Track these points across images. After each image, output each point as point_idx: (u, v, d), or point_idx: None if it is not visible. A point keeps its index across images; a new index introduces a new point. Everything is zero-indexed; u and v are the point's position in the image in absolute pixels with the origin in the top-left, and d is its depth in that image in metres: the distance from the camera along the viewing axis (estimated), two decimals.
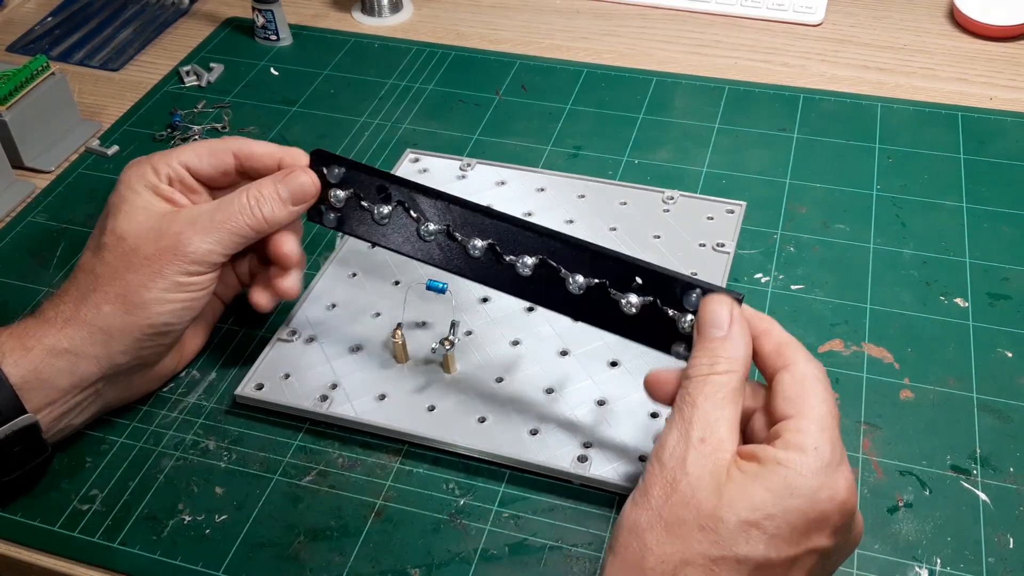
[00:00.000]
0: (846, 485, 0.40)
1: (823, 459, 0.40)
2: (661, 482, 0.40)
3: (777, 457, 0.40)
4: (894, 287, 0.63)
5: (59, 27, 0.95)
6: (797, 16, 0.90)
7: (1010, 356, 0.59)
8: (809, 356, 0.44)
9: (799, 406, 0.42)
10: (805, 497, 0.39)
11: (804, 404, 0.42)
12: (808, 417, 0.41)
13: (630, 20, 0.92)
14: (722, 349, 0.43)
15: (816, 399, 0.42)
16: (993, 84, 0.81)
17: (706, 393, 0.42)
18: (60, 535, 0.52)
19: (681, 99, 0.81)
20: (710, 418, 0.41)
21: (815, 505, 0.39)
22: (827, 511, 0.39)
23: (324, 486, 0.53)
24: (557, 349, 0.59)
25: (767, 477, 0.39)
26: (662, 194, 0.69)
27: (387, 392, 0.57)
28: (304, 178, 0.54)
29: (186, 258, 0.51)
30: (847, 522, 0.41)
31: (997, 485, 0.52)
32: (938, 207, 0.69)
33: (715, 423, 0.41)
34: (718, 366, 0.43)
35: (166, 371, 0.57)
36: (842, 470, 0.40)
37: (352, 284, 0.64)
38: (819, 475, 0.39)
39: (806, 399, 0.42)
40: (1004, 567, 0.48)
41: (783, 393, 0.42)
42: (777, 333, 0.45)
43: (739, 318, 0.44)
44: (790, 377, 0.43)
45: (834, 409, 0.42)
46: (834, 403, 0.42)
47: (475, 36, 0.91)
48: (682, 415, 0.42)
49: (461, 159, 0.73)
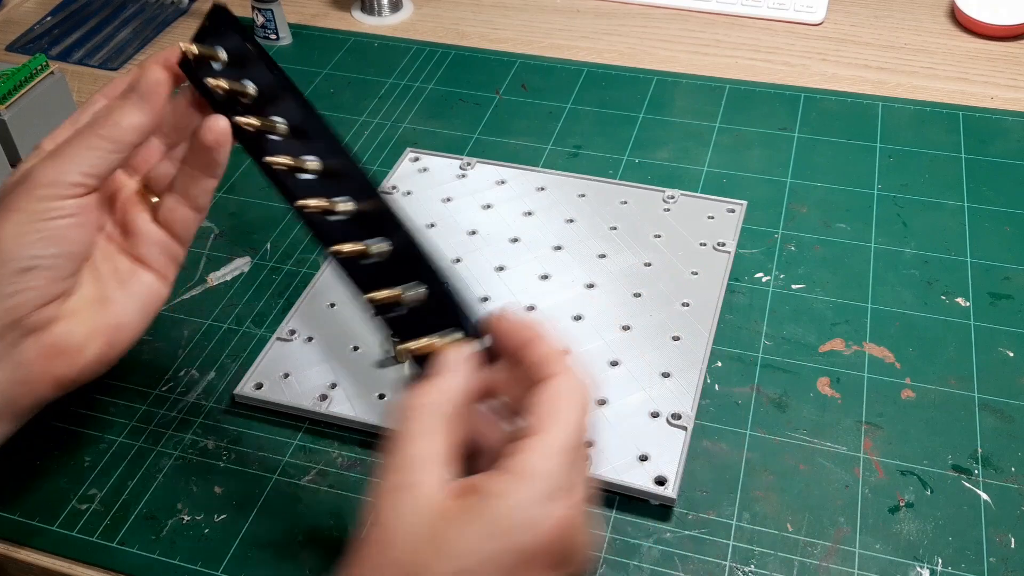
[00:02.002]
0: (568, 515, 0.36)
1: (547, 485, 0.36)
2: (364, 541, 0.36)
3: (492, 488, 0.36)
4: (895, 286, 0.63)
5: (58, 26, 0.94)
6: (798, 15, 0.90)
7: (1011, 356, 0.58)
8: (573, 370, 0.39)
9: (544, 424, 0.37)
10: (519, 532, 0.35)
11: (549, 421, 0.37)
12: (547, 436, 0.37)
13: (631, 19, 0.92)
14: (429, 383, 0.39)
15: (564, 417, 0.37)
16: (994, 83, 0.81)
17: (407, 430, 0.37)
18: (58, 534, 0.51)
19: (682, 98, 0.81)
20: (407, 457, 0.37)
21: (533, 539, 0.35)
22: (545, 544, 0.35)
23: (323, 486, 0.53)
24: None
25: (480, 513, 0.35)
26: (663, 193, 0.69)
27: (387, 392, 0.56)
28: (154, 74, 0.46)
29: (36, 183, 0.44)
30: (568, 555, 0.37)
31: (998, 485, 0.52)
32: (939, 206, 0.69)
33: (411, 462, 0.37)
34: (422, 398, 0.38)
35: (83, 352, 0.47)
36: (570, 496, 0.36)
37: None
38: (537, 505, 0.35)
39: (553, 416, 0.37)
40: (1005, 567, 0.48)
41: (531, 409, 0.38)
42: (544, 344, 0.40)
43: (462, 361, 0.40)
44: (542, 392, 0.38)
45: (582, 429, 0.38)
46: (585, 424, 0.38)
47: (475, 35, 0.90)
48: (384, 458, 0.37)
49: (461, 158, 0.73)
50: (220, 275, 0.66)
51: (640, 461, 0.52)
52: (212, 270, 0.66)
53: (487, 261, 0.65)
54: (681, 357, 0.58)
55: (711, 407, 0.56)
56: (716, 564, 0.49)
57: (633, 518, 0.51)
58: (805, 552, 0.49)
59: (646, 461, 0.52)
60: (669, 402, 0.55)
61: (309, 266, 0.66)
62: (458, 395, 0.39)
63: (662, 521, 0.51)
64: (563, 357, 0.40)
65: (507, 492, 0.35)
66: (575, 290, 0.62)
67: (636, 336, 0.59)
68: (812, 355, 0.59)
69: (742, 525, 0.50)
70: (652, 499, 0.51)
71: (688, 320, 0.60)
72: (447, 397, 0.39)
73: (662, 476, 0.51)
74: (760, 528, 0.50)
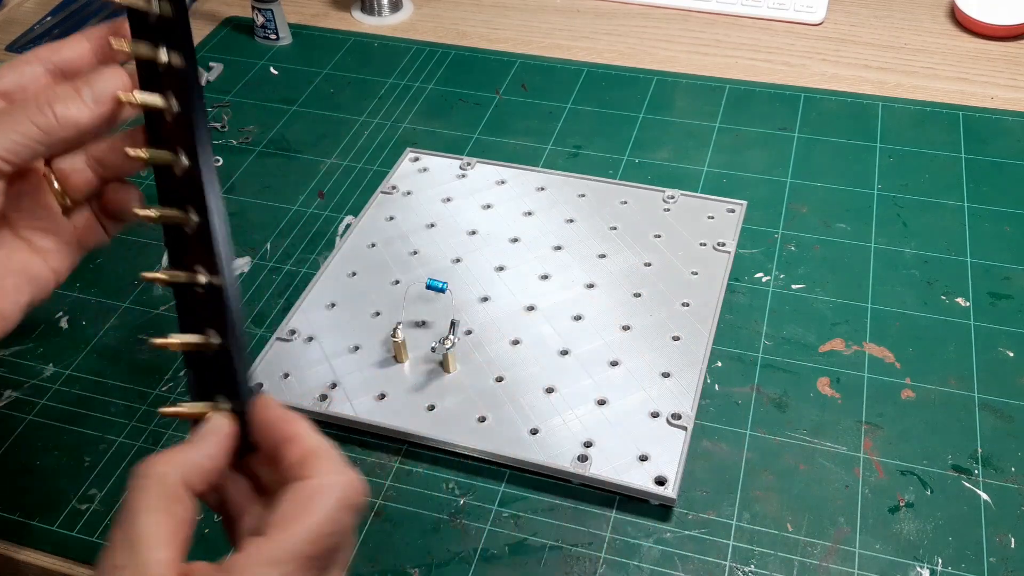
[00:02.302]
0: None
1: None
2: None
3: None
4: (895, 286, 0.63)
5: (58, 26, 0.94)
6: (798, 15, 0.90)
7: (1011, 356, 0.58)
8: (339, 471, 0.35)
9: (278, 526, 0.34)
10: None
11: (283, 525, 0.34)
12: (277, 541, 0.33)
13: (631, 19, 0.92)
14: (165, 454, 0.35)
15: (304, 523, 0.33)
16: (994, 83, 0.81)
17: (132, 504, 0.34)
18: (59, 534, 0.51)
19: (682, 98, 0.81)
20: (130, 534, 0.33)
21: None
22: None
23: None
24: (557, 349, 0.59)
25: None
26: (663, 193, 0.69)
27: (387, 391, 0.56)
28: (112, 78, 0.41)
29: None
30: None
31: (998, 485, 0.52)
32: (939, 206, 0.69)
33: (133, 541, 0.33)
34: (152, 468, 0.35)
35: None
36: None
37: (351, 283, 0.64)
38: None
39: (290, 520, 0.34)
40: (1005, 567, 0.48)
41: (275, 507, 0.34)
42: (306, 441, 0.36)
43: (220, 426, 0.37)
44: (289, 491, 0.35)
45: (327, 539, 0.34)
46: (336, 534, 0.34)
47: (475, 35, 0.90)
48: (112, 531, 0.34)
49: (461, 158, 0.73)
50: None
51: (640, 461, 0.52)
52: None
53: (487, 261, 0.65)
54: (681, 357, 0.58)
55: (711, 407, 0.56)
56: (716, 564, 0.49)
57: (633, 518, 0.51)
58: (805, 552, 0.49)
59: (646, 461, 0.52)
60: (669, 402, 0.55)
61: (309, 266, 0.66)
62: (194, 470, 0.35)
63: (662, 521, 0.51)
64: (326, 459, 0.36)
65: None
66: (575, 290, 0.62)
67: (636, 336, 0.59)
68: (812, 355, 0.59)
69: (742, 525, 0.50)
70: (652, 499, 0.51)
71: (688, 320, 0.60)
72: (180, 471, 0.35)
73: (662, 476, 0.51)
74: (760, 528, 0.50)
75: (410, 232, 0.67)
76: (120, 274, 0.67)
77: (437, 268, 0.64)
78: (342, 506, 0.35)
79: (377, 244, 0.67)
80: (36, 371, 0.60)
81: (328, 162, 0.76)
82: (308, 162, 0.76)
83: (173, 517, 0.34)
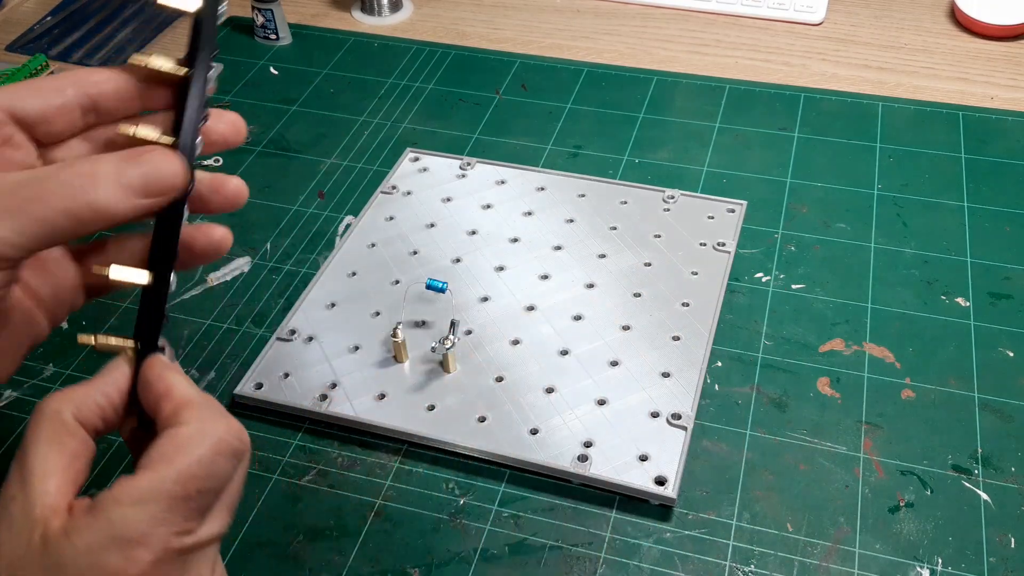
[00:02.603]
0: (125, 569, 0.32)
1: (112, 531, 0.32)
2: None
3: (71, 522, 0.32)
4: (895, 286, 0.63)
5: (58, 26, 0.94)
6: (798, 15, 0.90)
7: (1011, 356, 0.58)
8: (214, 419, 0.35)
9: (141, 468, 0.33)
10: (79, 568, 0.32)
11: (163, 462, 0.33)
12: (137, 480, 0.33)
13: (631, 19, 0.92)
14: (62, 391, 0.35)
15: (165, 466, 0.33)
16: (994, 83, 0.81)
17: (26, 439, 0.34)
18: None
19: (682, 98, 0.81)
20: (22, 468, 0.33)
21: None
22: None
23: (323, 485, 0.53)
24: (557, 349, 0.59)
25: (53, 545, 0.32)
26: (663, 193, 0.69)
27: (386, 391, 0.56)
28: (167, 164, 0.36)
29: None
30: None
31: (998, 485, 0.52)
32: (939, 206, 0.69)
33: (23, 475, 0.33)
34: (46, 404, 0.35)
35: None
36: (137, 549, 0.32)
37: (351, 283, 0.64)
38: (95, 550, 0.32)
39: (154, 463, 0.33)
40: (1005, 567, 0.48)
41: (152, 448, 0.34)
42: (178, 393, 0.36)
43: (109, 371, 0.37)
44: (171, 434, 0.34)
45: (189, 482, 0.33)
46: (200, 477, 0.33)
47: (475, 35, 0.90)
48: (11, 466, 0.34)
49: (461, 158, 0.73)
50: (220, 275, 0.66)
51: (640, 461, 0.52)
52: (212, 270, 0.66)
53: (487, 261, 0.65)
54: (681, 357, 0.58)
55: (711, 407, 0.56)
56: (716, 564, 0.49)
57: (633, 518, 0.51)
58: (805, 552, 0.49)
59: (646, 461, 0.52)
60: (669, 402, 0.55)
61: (309, 266, 0.66)
62: (88, 406, 0.35)
63: (662, 521, 0.51)
64: (200, 407, 0.35)
65: (75, 529, 0.32)
66: (575, 290, 0.62)
67: (636, 336, 0.59)
68: (812, 355, 0.59)
69: (742, 525, 0.50)
70: (652, 499, 0.51)
71: (688, 320, 0.60)
72: (73, 407, 0.35)
73: (662, 476, 0.51)
74: (760, 528, 0.50)
75: (410, 232, 0.67)
76: None
77: (437, 268, 0.64)
78: (217, 451, 0.34)
79: (377, 244, 0.67)
80: (36, 371, 0.60)
81: (328, 162, 0.76)
82: (308, 162, 0.76)
83: (65, 450, 0.34)
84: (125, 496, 0.33)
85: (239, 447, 0.35)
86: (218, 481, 0.34)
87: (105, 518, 0.32)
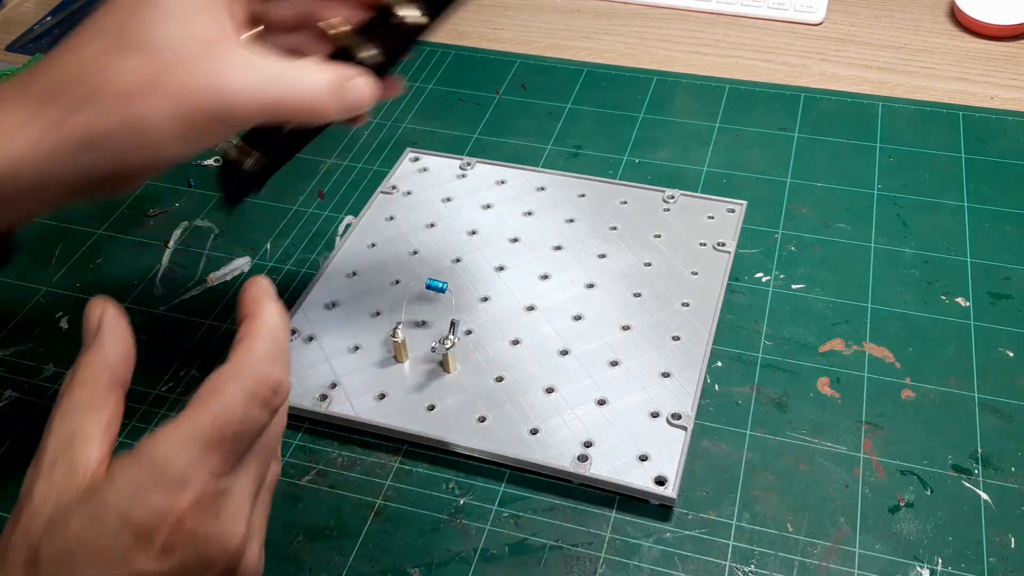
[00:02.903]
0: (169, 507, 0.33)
1: (155, 472, 0.33)
2: (12, 517, 0.35)
3: (112, 469, 0.34)
4: (895, 286, 0.63)
5: (58, 27, 0.94)
6: (798, 15, 0.90)
7: (1011, 355, 0.58)
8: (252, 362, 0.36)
9: (196, 403, 0.35)
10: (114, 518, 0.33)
11: (201, 404, 0.35)
12: (180, 420, 0.34)
13: (631, 19, 0.92)
14: (83, 356, 0.38)
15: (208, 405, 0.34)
16: (994, 83, 0.81)
17: (60, 409, 0.36)
18: None
19: (682, 98, 0.81)
20: (60, 437, 0.36)
21: (125, 527, 0.33)
22: (142, 533, 0.33)
23: (323, 485, 0.53)
24: (557, 349, 0.59)
25: (96, 493, 0.33)
26: (663, 193, 0.69)
27: (386, 391, 0.56)
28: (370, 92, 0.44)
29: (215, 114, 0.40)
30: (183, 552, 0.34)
31: (999, 485, 0.52)
32: (939, 206, 0.69)
33: (59, 441, 0.35)
34: (76, 375, 0.37)
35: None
36: (179, 490, 0.33)
37: (351, 283, 0.64)
38: (139, 492, 0.33)
39: (197, 402, 0.35)
40: (1005, 567, 0.48)
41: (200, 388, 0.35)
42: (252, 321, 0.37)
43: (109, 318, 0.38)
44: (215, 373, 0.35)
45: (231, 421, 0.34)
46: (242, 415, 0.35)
47: (475, 35, 0.90)
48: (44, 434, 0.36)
49: (461, 158, 0.73)
50: (220, 275, 0.66)
51: (640, 461, 0.52)
52: (212, 270, 0.66)
53: (487, 261, 0.65)
54: (681, 357, 0.58)
55: (711, 407, 0.56)
56: (716, 564, 0.49)
57: (633, 518, 0.51)
58: (805, 552, 0.49)
59: (646, 461, 0.52)
60: (669, 402, 0.55)
61: (309, 266, 0.66)
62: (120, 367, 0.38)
63: (662, 521, 0.51)
64: (252, 342, 0.36)
65: (118, 471, 0.34)
66: (575, 290, 0.62)
67: (636, 336, 0.59)
68: (812, 355, 0.59)
69: (742, 525, 0.50)
70: (652, 499, 0.51)
71: (688, 320, 0.60)
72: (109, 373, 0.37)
73: (662, 476, 0.51)
74: (760, 528, 0.50)
75: (410, 232, 0.67)
76: (120, 274, 0.67)
77: (437, 268, 0.64)
78: (246, 397, 0.35)
79: (377, 244, 0.67)
80: (36, 371, 0.60)
81: (328, 162, 0.76)
82: (308, 162, 0.76)
83: (102, 416, 0.36)
84: (165, 439, 0.34)
85: (268, 396, 0.36)
86: (249, 425, 0.35)
87: (147, 460, 0.34)
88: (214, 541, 0.34)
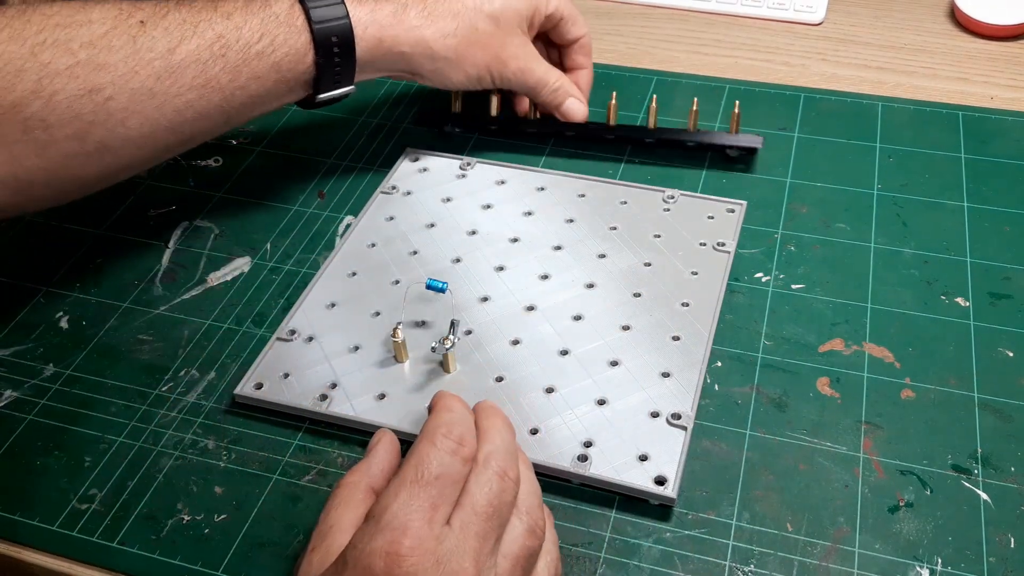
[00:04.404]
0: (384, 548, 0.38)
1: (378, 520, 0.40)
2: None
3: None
4: (895, 286, 0.63)
5: None
6: (798, 15, 0.90)
7: (1011, 355, 0.58)
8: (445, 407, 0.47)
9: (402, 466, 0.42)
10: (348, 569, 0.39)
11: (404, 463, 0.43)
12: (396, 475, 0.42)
13: (631, 19, 0.92)
14: (357, 465, 0.47)
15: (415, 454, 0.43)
16: (994, 83, 0.81)
17: (328, 503, 0.45)
18: (59, 534, 0.51)
19: (681, 98, 0.81)
20: (326, 524, 0.43)
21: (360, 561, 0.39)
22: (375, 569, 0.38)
23: (324, 485, 0.53)
24: (557, 349, 0.59)
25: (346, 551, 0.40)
26: (662, 193, 0.69)
27: (387, 391, 0.56)
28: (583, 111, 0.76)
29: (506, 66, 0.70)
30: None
31: (998, 485, 0.52)
32: (939, 206, 0.69)
33: (328, 529, 0.43)
34: (346, 478, 0.46)
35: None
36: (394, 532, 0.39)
37: (352, 283, 0.64)
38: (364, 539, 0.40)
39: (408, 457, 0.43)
40: (1005, 567, 0.48)
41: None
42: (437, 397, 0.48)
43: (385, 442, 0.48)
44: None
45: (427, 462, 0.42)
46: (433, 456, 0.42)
47: None
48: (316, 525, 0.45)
49: (461, 158, 0.73)
50: (220, 275, 0.66)
51: (640, 461, 0.52)
52: (212, 270, 0.67)
53: (487, 261, 0.65)
54: (681, 357, 0.58)
55: (711, 407, 0.56)
56: (716, 564, 0.49)
57: (633, 518, 0.51)
58: (805, 552, 0.49)
59: (646, 461, 0.52)
60: (669, 402, 0.55)
61: (309, 266, 0.66)
62: (376, 475, 0.46)
63: (662, 521, 0.51)
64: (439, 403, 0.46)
65: (355, 534, 0.40)
66: (575, 290, 0.62)
67: (636, 336, 0.59)
68: (812, 355, 0.59)
69: (742, 525, 0.50)
70: (652, 499, 0.51)
71: (688, 320, 0.60)
72: (366, 479, 0.45)
73: (662, 476, 0.51)
74: (760, 528, 0.50)
75: (410, 232, 0.67)
76: (120, 274, 0.67)
77: (437, 268, 0.64)
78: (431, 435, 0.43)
79: (377, 244, 0.67)
80: (36, 371, 0.60)
81: (328, 162, 0.76)
82: (308, 162, 0.76)
83: (358, 512, 0.43)
84: (382, 495, 0.41)
85: (448, 433, 0.43)
86: (442, 468, 0.41)
87: (370, 514, 0.40)
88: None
